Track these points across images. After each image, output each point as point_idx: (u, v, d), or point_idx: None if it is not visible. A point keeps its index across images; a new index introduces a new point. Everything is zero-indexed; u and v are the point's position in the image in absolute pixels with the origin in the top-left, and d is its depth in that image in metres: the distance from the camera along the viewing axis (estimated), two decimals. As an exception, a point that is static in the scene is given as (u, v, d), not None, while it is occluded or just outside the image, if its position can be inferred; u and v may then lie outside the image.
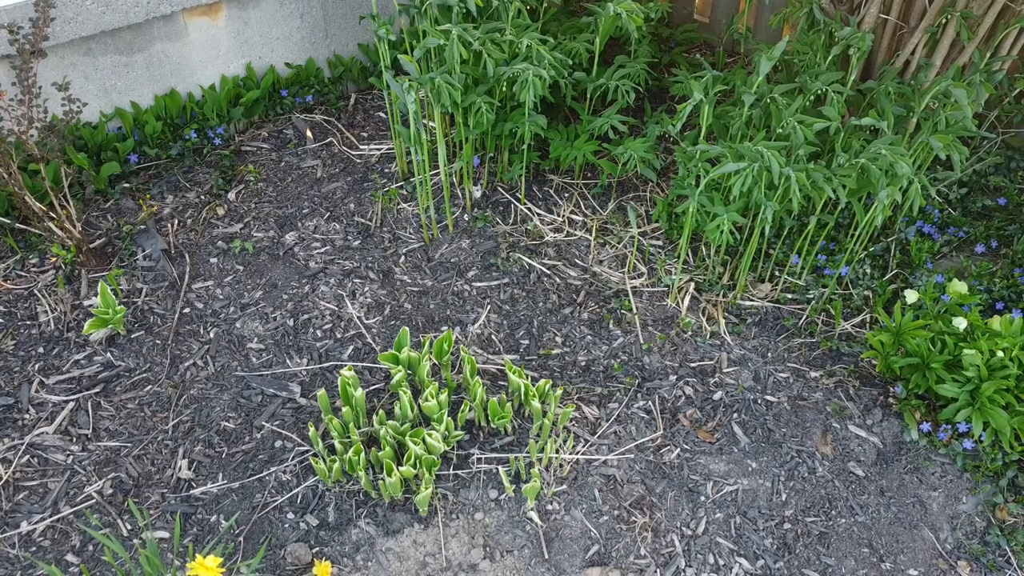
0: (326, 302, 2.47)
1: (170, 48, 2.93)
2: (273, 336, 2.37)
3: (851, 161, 2.14)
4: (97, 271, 2.55)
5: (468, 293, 2.53)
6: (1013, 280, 2.44)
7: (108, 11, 2.68)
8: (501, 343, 2.38)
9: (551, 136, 2.79)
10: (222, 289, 2.51)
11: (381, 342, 2.36)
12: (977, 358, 2.01)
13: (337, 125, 3.21)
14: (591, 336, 2.41)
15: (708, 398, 2.24)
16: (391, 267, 2.60)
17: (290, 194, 2.87)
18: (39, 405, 2.15)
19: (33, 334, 2.35)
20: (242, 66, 3.15)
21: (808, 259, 2.52)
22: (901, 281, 2.51)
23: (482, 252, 2.66)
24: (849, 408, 2.21)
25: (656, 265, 2.62)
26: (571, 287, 2.56)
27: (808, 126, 2.24)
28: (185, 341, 2.35)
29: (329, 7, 3.26)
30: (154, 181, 2.87)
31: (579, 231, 2.76)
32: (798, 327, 2.45)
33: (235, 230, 2.72)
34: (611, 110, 2.66)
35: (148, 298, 2.46)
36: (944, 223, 2.70)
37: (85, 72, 2.78)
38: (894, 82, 2.46)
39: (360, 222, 2.76)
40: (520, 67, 2.36)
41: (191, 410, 2.17)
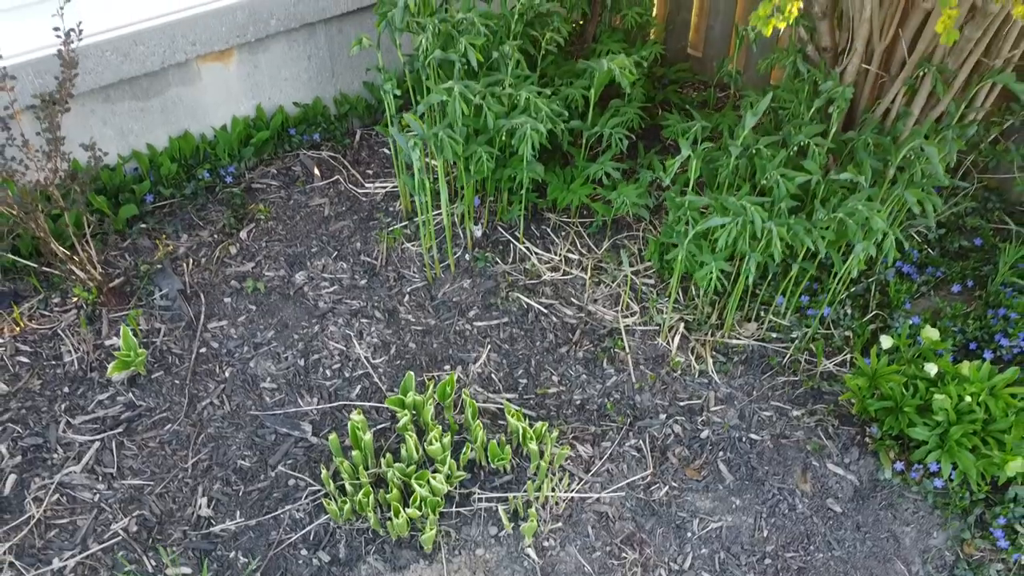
0: (335, 342, 2.60)
1: (184, 92, 3.06)
2: (285, 375, 2.51)
3: (830, 215, 2.27)
4: (117, 310, 2.69)
5: (469, 332, 2.66)
6: (986, 321, 2.58)
7: (126, 61, 2.82)
8: (501, 382, 2.52)
9: (549, 179, 2.92)
10: (236, 329, 2.64)
11: (387, 381, 2.50)
12: (946, 403, 2.14)
13: (343, 161, 3.34)
14: (586, 375, 2.55)
15: (696, 436, 2.38)
16: (396, 306, 2.74)
17: (299, 232, 3.01)
18: (67, 445, 2.28)
19: (58, 373, 2.48)
20: (252, 107, 3.29)
21: (792, 300, 2.66)
22: (880, 321, 2.65)
23: (483, 292, 2.79)
24: (828, 447, 2.35)
25: (648, 304, 2.76)
26: (567, 326, 2.70)
27: (790, 179, 2.37)
28: (202, 380, 2.49)
29: (335, 48, 3.39)
30: (169, 219, 3.01)
31: (575, 270, 2.89)
32: (782, 365, 2.59)
33: (247, 269, 2.85)
34: (605, 156, 2.80)
35: (166, 338, 2.60)
36: (923, 263, 2.84)
37: (104, 117, 2.92)
38: (873, 132, 2.60)
39: (366, 261, 2.90)
40: (519, 121, 2.50)
41: (209, 448, 2.31)
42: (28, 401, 2.40)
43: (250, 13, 3.03)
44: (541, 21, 2.89)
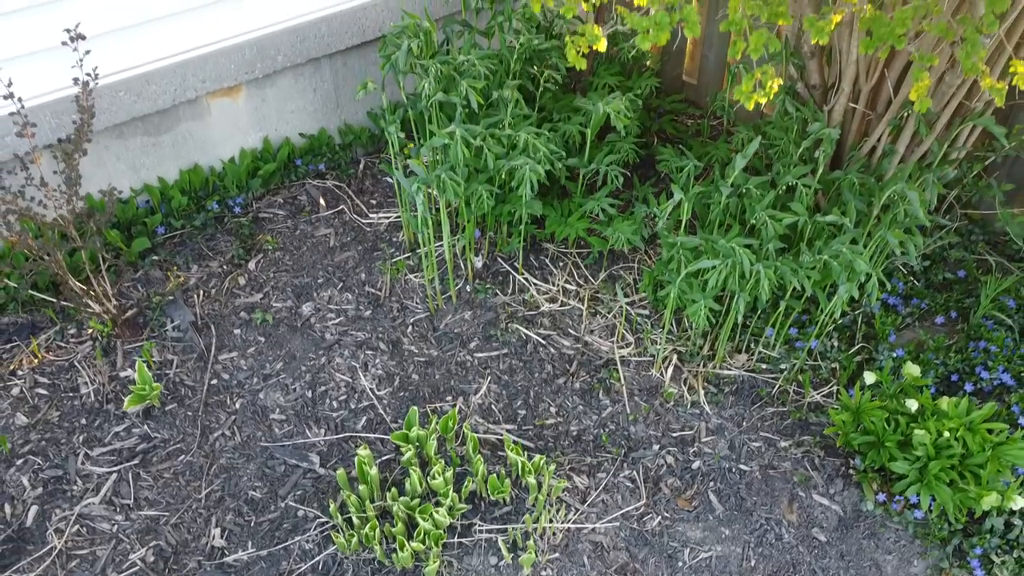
0: (341, 373, 2.71)
1: (194, 127, 3.17)
2: (293, 407, 2.61)
3: (815, 257, 2.37)
4: (131, 341, 2.79)
5: (470, 363, 2.77)
6: (967, 354, 2.68)
7: (139, 100, 2.92)
8: (501, 413, 2.62)
9: (547, 212, 3.02)
10: (246, 360, 2.75)
11: (392, 412, 2.60)
12: (926, 438, 2.25)
13: (347, 191, 3.44)
14: (582, 406, 2.65)
15: (687, 467, 2.48)
16: (400, 337, 2.84)
17: (305, 263, 3.11)
18: (85, 476, 2.39)
19: (75, 405, 2.59)
20: (259, 139, 3.39)
21: (781, 332, 2.76)
22: (866, 353, 2.75)
23: (483, 323, 2.89)
24: (814, 478, 2.45)
25: (643, 335, 2.86)
26: (564, 357, 2.80)
27: (778, 220, 2.48)
28: (214, 412, 2.59)
29: (340, 80, 3.50)
30: (179, 250, 3.11)
31: (572, 300, 2.99)
32: (771, 396, 2.69)
33: (256, 300, 2.96)
34: (601, 192, 2.90)
35: (179, 369, 2.70)
36: (908, 294, 2.94)
37: (117, 153, 3.02)
38: (859, 170, 2.70)
39: (370, 292, 3.00)
40: (518, 162, 2.60)
41: (221, 480, 2.41)
42: (47, 433, 2.50)
43: (258, 50, 3.13)
44: (539, 56, 3.00)
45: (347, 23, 3.33)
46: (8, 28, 2.57)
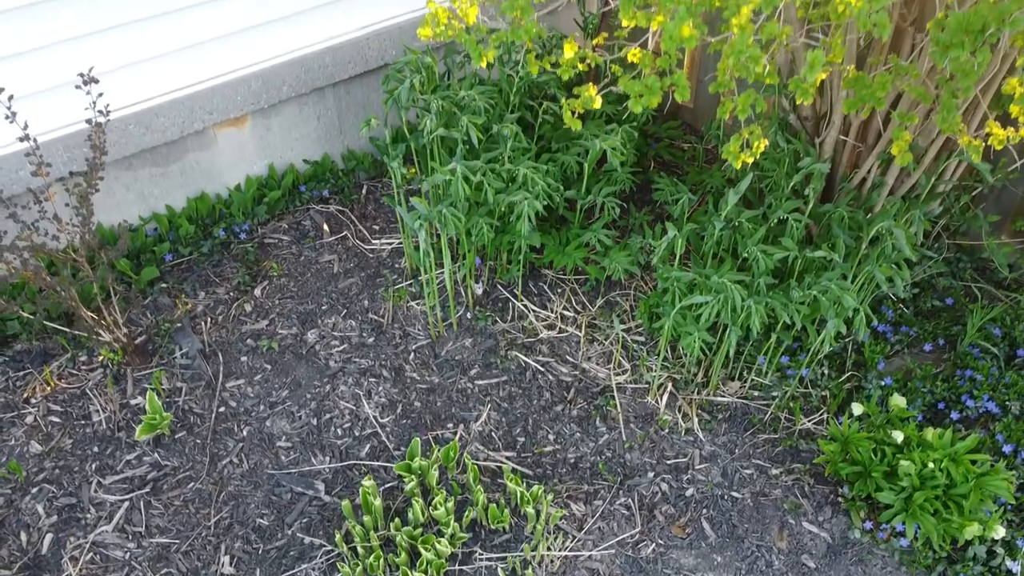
0: (345, 401, 2.79)
1: (201, 156, 3.25)
2: (299, 434, 2.69)
3: (804, 293, 2.45)
4: (140, 368, 2.87)
5: (471, 391, 2.85)
6: (953, 382, 2.76)
7: (148, 132, 3.00)
8: (500, 440, 2.70)
9: (545, 240, 3.10)
10: (252, 388, 2.82)
11: (395, 440, 2.68)
12: (911, 468, 2.33)
13: (351, 216, 3.52)
14: (580, 433, 2.73)
15: (681, 495, 2.56)
16: (402, 364, 2.92)
17: (310, 289, 3.19)
18: (98, 504, 2.47)
19: (88, 433, 2.67)
20: (265, 166, 3.47)
21: (773, 360, 2.84)
22: (856, 381, 2.83)
23: (483, 350, 2.97)
24: (804, 505, 2.53)
25: (639, 362, 2.94)
26: (562, 384, 2.88)
27: (769, 255, 2.55)
28: (222, 439, 2.67)
29: (343, 107, 3.57)
30: (186, 276, 3.19)
31: (570, 327, 3.07)
32: (763, 423, 2.77)
33: (262, 327, 3.03)
34: (598, 223, 2.98)
35: (187, 397, 2.78)
36: (897, 322, 3.02)
37: (126, 184, 3.10)
38: (849, 202, 2.78)
39: (373, 319, 3.08)
40: (516, 198, 2.68)
41: (230, 507, 2.49)
42: (61, 461, 2.58)
43: (264, 82, 3.21)
44: (539, 87, 3.07)
45: (350, 53, 3.41)
46: (23, 66, 2.65)
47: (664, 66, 1.65)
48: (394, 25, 3.50)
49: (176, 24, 2.89)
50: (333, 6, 3.27)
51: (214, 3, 2.93)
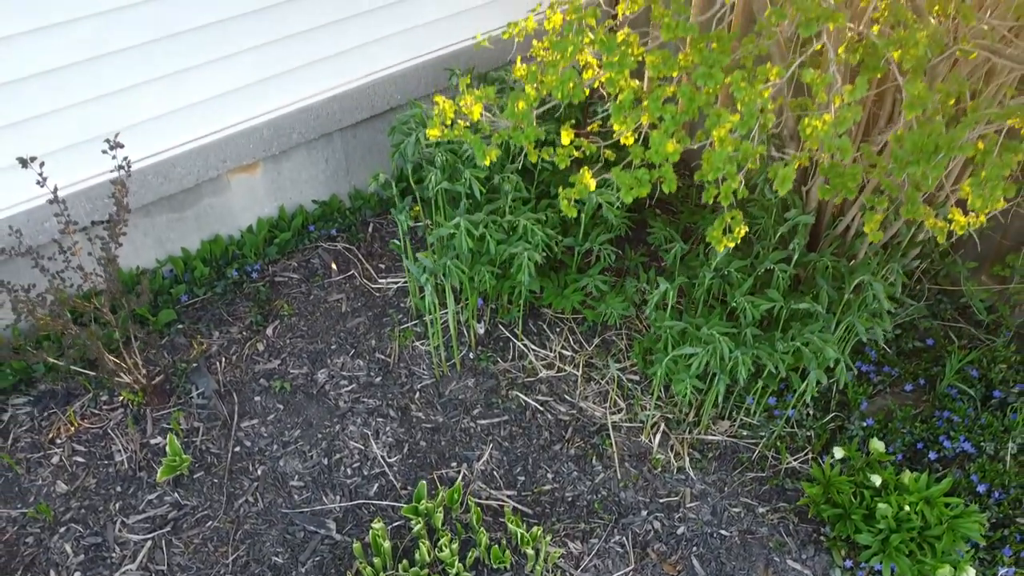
0: (354, 441, 2.93)
1: (215, 201, 3.39)
2: (311, 473, 2.84)
3: (789, 344, 2.60)
4: (159, 408, 3.02)
5: (473, 430, 2.99)
6: (932, 423, 2.91)
7: (166, 182, 3.15)
8: (501, 479, 2.85)
9: (544, 283, 3.25)
10: (266, 427, 2.97)
11: (401, 479, 2.83)
12: (888, 511, 2.47)
13: (357, 255, 3.67)
14: (577, 472, 2.88)
15: (672, 532, 2.71)
16: (408, 404, 3.07)
17: (319, 328, 3.33)
18: (122, 544, 2.62)
19: (110, 472, 2.81)
20: (275, 208, 3.61)
21: (761, 402, 2.98)
22: (839, 421, 2.98)
23: (485, 390, 3.12)
24: (788, 543, 2.68)
25: (633, 402, 3.09)
26: (560, 423, 3.03)
27: (756, 306, 2.70)
28: (237, 479, 2.82)
29: (350, 149, 3.72)
30: (201, 315, 3.34)
31: (568, 366, 3.22)
32: (752, 461, 2.92)
33: (274, 366, 3.18)
34: (594, 269, 3.13)
35: (205, 437, 2.93)
36: (880, 362, 3.16)
37: (144, 230, 3.24)
38: (832, 251, 2.92)
39: (380, 358, 3.23)
40: (516, 249, 2.82)
41: (246, 545, 2.64)
42: (86, 500, 2.73)
43: (275, 130, 3.36)
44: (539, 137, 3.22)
45: (357, 99, 3.55)
46: (51, 125, 2.79)
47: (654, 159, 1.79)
48: (398, 72, 3.64)
49: (193, 80, 3.04)
50: (339, 57, 3.41)
51: (228, 60, 3.08)
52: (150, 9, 2.78)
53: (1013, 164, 1.62)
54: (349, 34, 3.37)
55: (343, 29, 3.34)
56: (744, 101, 1.58)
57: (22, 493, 2.74)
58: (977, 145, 1.68)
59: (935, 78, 1.86)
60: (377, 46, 3.50)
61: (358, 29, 3.39)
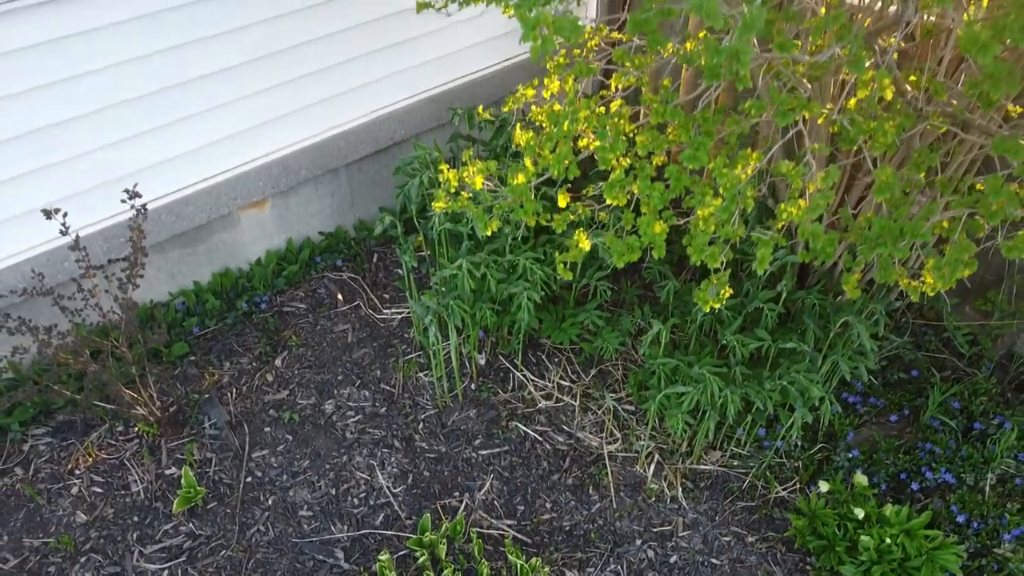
0: (360, 472, 3.06)
1: (226, 236, 3.52)
2: (320, 503, 2.96)
3: (776, 383, 2.72)
4: (173, 439, 3.14)
5: (475, 460, 3.12)
6: (915, 455, 3.03)
7: (179, 220, 3.27)
8: (502, 508, 2.97)
9: (542, 317, 3.37)
10: (276, 458, 3.10)
11: (406, 509, 2.95)
12: (870, 543, 2.60)
13: (363, 284, 3.79)
14: (574, 501, 3.00)
15: (665, 561, 2.84)
16: (412, 434, 3.19)
17: (326, 359, 3.46)
18: (141, 573, 2.74)
19: (128, 503, 2.94)
20: (283, 240, 3.74)
21: (751, 434, 3.11)
22: (826, 451, 3.10)
23: (486, 420, 3.24)
24: (776, 573, 2.80)
25: (629, 432, 3.21)
26: (559, 452, 3.15)
27: (745, 345, 2.82)
28: (249, 509, 2.94)
29: (355, 183, 3.85)
30: (212, 345, 3.46)
31: (566, 396, 3.35)
32: (742, 490, 3.04)
33: (283, 397, 3.31)
34: (591, 304, 3.25)
35: (217, 468, 3.05)
36: (866, 393, 3.29)
37: (157, 264, 3.37)
38: (820, 290, 3.05)
39: (385, 389, 3.35)
40: (516, 289, 2.95)
41: (259, 574, 2.76)
42: (104, 530, 2.85)
43: (283, 168, 3.48)
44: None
45: (362, 136, 3.68)
46: (69, 171, 2.92)
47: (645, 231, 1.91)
48: (401, 108, 3.77)
49: (205, 123, 3.16)
50: (344, 96, 3.54)
51: (237, 104, 3.20)
52: (163, 59, 2.91)
53: (972, 250, 1.74)
54: (353, 75, 3.50)
55: (347, 71, 3.46)
56: (726, 186, 1.71)
57: (43, 523, 2.86)
58: (942, 224, 1.80)
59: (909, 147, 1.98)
60: (380, 85, 3.63)
61: (363, 70, 3.52)
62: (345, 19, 3.31)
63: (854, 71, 1.54)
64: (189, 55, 2.96)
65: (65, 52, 2.68)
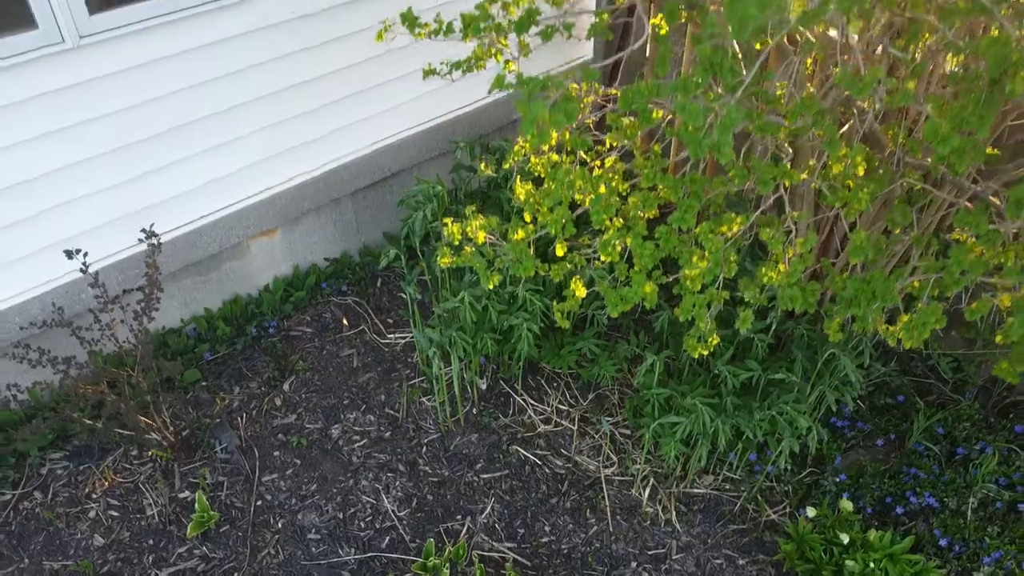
0: (367, 496, 3.18)
1: (236, 264, 3.64)
2: (327, 527, 3.08)
3: (765, 413, 2.84)
4: (186, 463, 3.26)
5: (477, 484, 3.24)
6: (899, 479, 3.15)
7: (192, 250, 3.39)
8: (503, 531, 3.09)
9: (542, 344, 3.49)
10: (285, 481, 3.22)
11: (411, 532, 3.07)
12: (855, 567, 2.72)
13: (367, 308, 3.91)
14: (572, 524, 3.12)
15: (659, 583, 2.96)
16: (416, 459, 3.31)
17: (332, 383, 3.58)
18: (157, 595, 2.86)
19: (143, 526, 3.06)
20: (290, 267, 3.86)
21: (742, 459, 3.23)
22: (814, 476, 3.22)
23: (487, 445, 3.36)
24: (765, 594, 2.93)
25: (625, 456, 3.33)
26: (557, 476, 3.27)
27: (736, 376, 2.94)
28: (260, 532, 3.06)
29: (360, 210, 3.97)
30: (222, 369, 3.58)
31: (564, 420, 3.47)
32: (733, 513, 3.16)
33: (291, 421, 3.43)
34: (589, 332, 3.37)
35: (229, 491, 3.17)
36: (854, 417, 3.40)
37: (171, 292, 3.49)
38: (806, 324, 3.16)
39: (389, 413, 3.47)
40: (517, 321, 3.07)
41: (269, 596, 2.89)
42: (121, 553, 2.97)
43: (291, 198, 3.60)
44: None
45: (366, 166, 3.80)
46: (87, 207, 3.04)
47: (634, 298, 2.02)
48: (406, 138, 3.89)
49: (216, 158, 3.28)
50: (350, 128, 3.66)
51: (247, 139, 3.32)
52: (176, 101, 3.03)
53: (939, 310, 1.86)
54: (356, 109, 3.62)
55: (350, 104, 3.59)
56: (711, 250, 1.83)
57: (63, 546, 2.98)
58: (914, 284, 1.91)
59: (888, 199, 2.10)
60: (383, 117, 3.75)
61: (365, 103, 3.64)
62: (347, 58, 3.43)
63: (828, 151, 1.66)
64: (199, 95, 3.08)
65: (85, 96, 2.81)
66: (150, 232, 2.81)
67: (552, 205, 1.98)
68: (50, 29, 2.66)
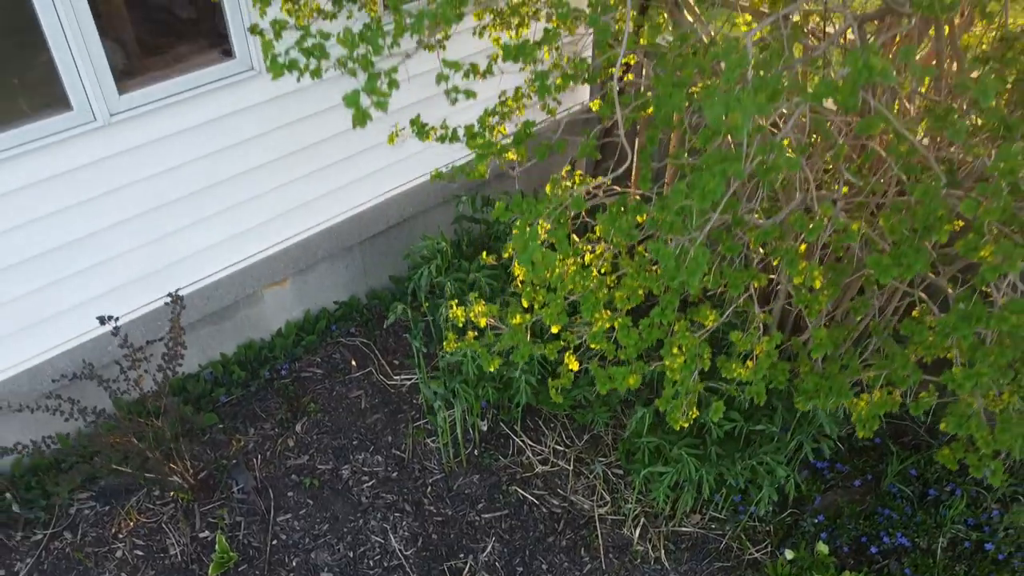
0: (375, 535, 3.39)
1: (250, 312, 3.85)
2: (339, 565, 3.30)
3: (746, 462, 3.06)
4: (205, 503, 3.48)
5: (478, 523, 3.45)
6: (874, 520, 3.36)
7: (209, 302, 3.61)
8: (503, 569, 3.31)
9: (539, 390, 3.70)
10: (298, 521, 3.43)
11: (417, 570, 3.29)
12: (830, 608, 2.94)
13: (374, 350, 4.12)
14: (568, 563, 3.33)
15: (649, 620, 3.17)
16: (421, 498, 3.53)
17: (342, 424, 3.79)
18: (181, 632, 3.08)
19: (167, 565, 3.27)
20: (302, 312, 4.07)
21: (727, 500, 3.44)
22: (795, 516, 3.44)
23: (488, 485, 3.58)
24: (747, 631, 3.14)
25: (617, 495, 3.55)
26: (554, 515, 3.49)
27: (721, 427, 3.16)
28: (276, 571, 3.27)
29: (368, 257, 4.18)
30: (237, 411, 3.79)
31: (561, 461, 3.68)
32: (719, 551, 3.37)
33: (303, 462, 3.64)
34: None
35: (246, 531, 3.39)
36: (833, 459, 3.62)
37: (189, 340, 3.70)
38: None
39: (396, 454, 3.68)
40: (515, 374, 3.28)
41: (285, 632, 3.10)
42: (147, 591, 3.19)
43: (303, 249, 3.82)
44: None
45: (374, 216, 4.01)
46: (114, 267, 3.25)
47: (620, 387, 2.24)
48: (411, 188, 4.10)
49: (232, 217, 3.49)
50: (357, 183, 3.87)
51: (260, 199, 3.54)
52: (195, 168, 3.24)
53: (892, 402, 2.06)
54: (364, 164, 3.83)
55: (358, 161, 3.80)
56: (687, 347, 2.04)
57: (92, 585, 3.20)
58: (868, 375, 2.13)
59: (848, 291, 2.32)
60: (389, 170, 3.96)
61: (372, 159, 3.85)
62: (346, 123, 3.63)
63: (789, 271, 1.88)
64: (217, 162, 3.29)
65: (115, 168, 3.02)
66: (176, 296, 3.02)
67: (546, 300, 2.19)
68: (83, 109, 2.87)
